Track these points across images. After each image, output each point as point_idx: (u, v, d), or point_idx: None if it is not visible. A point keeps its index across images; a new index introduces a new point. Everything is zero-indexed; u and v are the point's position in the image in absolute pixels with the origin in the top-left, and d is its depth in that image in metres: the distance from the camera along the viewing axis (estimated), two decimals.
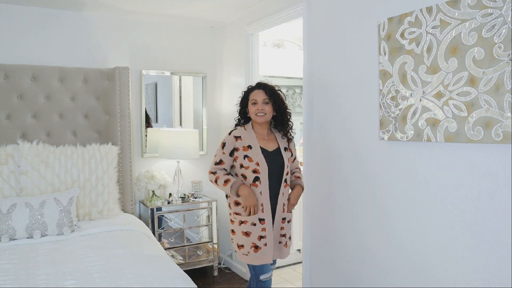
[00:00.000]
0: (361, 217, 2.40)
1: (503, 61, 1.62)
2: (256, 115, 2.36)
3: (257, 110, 2.35)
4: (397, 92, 2.08)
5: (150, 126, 3.80)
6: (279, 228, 2.38)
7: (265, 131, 2.42)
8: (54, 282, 1.94)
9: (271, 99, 2.36)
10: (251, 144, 2.34)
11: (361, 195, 2.39)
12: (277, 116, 2.42)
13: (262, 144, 2.37)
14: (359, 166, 2.39)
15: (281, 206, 2.37)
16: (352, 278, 2.48)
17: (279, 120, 2.43)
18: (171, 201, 3.58)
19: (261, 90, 2.38)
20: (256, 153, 2.32)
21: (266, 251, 2.31)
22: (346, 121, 2.48)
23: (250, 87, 2.46)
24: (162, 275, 2.04)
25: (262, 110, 2.34)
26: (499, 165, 1.69)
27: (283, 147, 2.41)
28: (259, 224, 2.30)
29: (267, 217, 2.31)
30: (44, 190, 2.90)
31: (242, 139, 2.35)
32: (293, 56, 4.32)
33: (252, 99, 2.37)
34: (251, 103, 2.38)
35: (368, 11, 2.28)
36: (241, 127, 2.43)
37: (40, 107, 3.19)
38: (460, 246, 1.85)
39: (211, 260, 3.70)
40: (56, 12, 3.34)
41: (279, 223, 2.37)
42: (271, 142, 2.41)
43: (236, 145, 2.35)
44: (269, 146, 2.39)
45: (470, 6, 1.73)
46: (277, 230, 2.38)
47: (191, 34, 3.92)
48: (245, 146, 2.33)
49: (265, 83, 2.42)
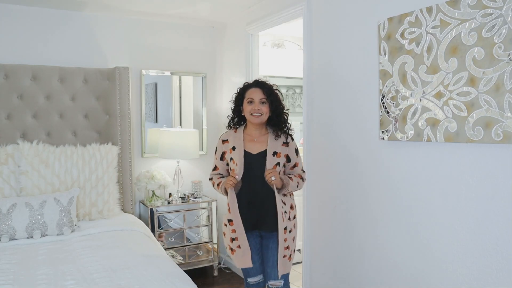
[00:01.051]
0: (361, 217, 2.40)
1: (503, 61, 1.62)
2: (251, 115, 2.20)
3: (252, 109, 2.19)
4: (397, 92, 2.08)
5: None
6: (283, 239, 2.17)
7: (257, 131, 2.26)
8: (54, 282, 1.94)
9: (268, 99, 2.21)
10: (236, 145, 2.23)
11: (361, 195, 2.38)
12: (272, 117, 2.24)
13: (247, 146, 2.22)
14: (359, 166, 2.39)
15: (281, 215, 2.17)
16: (352, 278, 2.48)
17: (274, 121, 2.25)
18: (171, 201, 3.58)
19: (258, 88, 2.22)
20: (238, 154, 2.20)
21: (240, 253, 2.19)
22: (346, 121, 2.48)
23: (246, 84, 2.29)
24: (162, 275, 2.04)
25: (258, 110, 2.19)
26: (499, 165, 1.69)
27: (272, 151, 2.19)
28: (229, 225, 2.21)
29: (235, 218, 2.17)
30: (44, 190, 2.90)
31: (229, 141, 2.27)
32: (293, 56, 4.32)
33: (248, 98, 2.21)
34: (246, 102, 2.22)
35: (368, 11, 2.28)
36: (231, 130, 2.32)
37: (40, 107, 3.19)
38: (460, 246, 1.85)
39: (211, 260, 3.70)
40: (56, 12, 3.34)
41: (282, 234, 2.17)
42: (259, 144, 2.23)
43: (223, 149, 2.28)
44: (254, 148, 2.22)
45: (470, 6, 1.73)
46: (282, 243, 2.17)
47: (191, 34, 3.92)
48: (231, 148, 2.24)
49: (263, 81, 2.27)
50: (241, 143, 2.22)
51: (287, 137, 2.27)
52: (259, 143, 2.24)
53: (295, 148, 2.28)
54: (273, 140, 2.22)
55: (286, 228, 2.19)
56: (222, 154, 2.30)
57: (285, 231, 2.18)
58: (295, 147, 2.28)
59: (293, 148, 2.27)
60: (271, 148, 2.20)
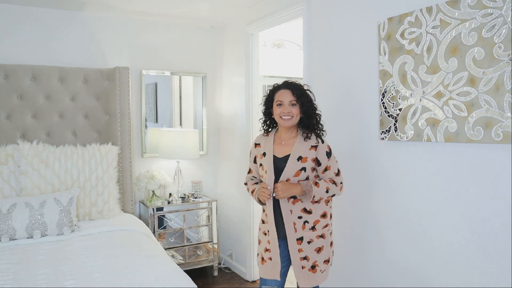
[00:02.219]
0: (361, 217, 2.40)
1: (503, 61, 1.62)
2: (281, 118, 2.09)
3: (282, 112, 2.08)
4: (397, 92, 2.08)
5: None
6: (296, 250, 2.08)
7: (288, 134, 2.15)
8: (54, 282, 1.94)
9: (298, 100, 2.08)
10: (266, 151, 2.16)
11: (361, 195, 2.38)
12: (303, 118, 2.13)
13: (275, 149, 2.14)
14: (359, 166, 2.39)
15: (292, 226, 2.07)
16: (352, 277, 2.48)
17: (305, 123, 2.13)
18: (171, 201, 3.58)
19: (287, 90, 2.10)
20: (267, 160, 2.13)
21: (270, 265, 2.12)
22: (346, 121, 2.48)
23: (276, 85, 2.18)
24: (162, 275, 2.04)
25: (288, 113, 2.07)
26: (499, 165, 1.69)
27: (296, 155, 2.07)
28: (264, 236, 2.16)
29: (271, 230, 2.11)
30: (44, 190, 2.90)
31: (261, 145, 2.21)
32: (293, 56, 4.32)
33: (278, 100, 2.11)
34: (276, 104, 2.12)
35: (368, 11, 2.28)
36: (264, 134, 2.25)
37: (40, 107, 3.19)
38: (460, 246, 1.85)
39: (211, 260, 3.70)
40: (57, 12, 3.34)
41: (294, 244, 2.08)
42: (285, 148, 2.12)
43: (256, 153, 2.23)
44: (280, 152, 2.12)
45: (470, 6, 1.73)
46: (295, 253, 2.08)
47: (191, 34, 3.92)
48: (261, 154, 2.18)
49: (292, 82, 2.14)
50: (271, 148, 2.15)
51: (317, 139, 2.12)
52: (286, 146, 2.13)
53: (326, 150, 2.10)
54: (301, 143, 2.10)
55: (303, 238, 2.07)
56: (255, 158, 2.25)
57: (299, 242, 2.07)
58: (326, 150, 2.10)
59: (323, 151, 2.09)
60: (296, 153, 2.08)
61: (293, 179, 2.06)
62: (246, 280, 3.62)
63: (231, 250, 3.90)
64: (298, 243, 2.07)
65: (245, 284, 3.56)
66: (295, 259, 2.08)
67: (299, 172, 2.06)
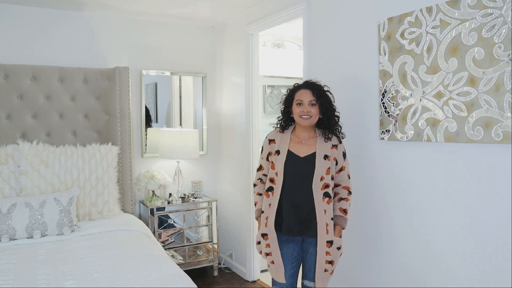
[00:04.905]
0: (360, 217, 2.40)
1: (503, 61, 1.62)
2: (300, 117, 2.09)
3: (301, 112, 2.08)
4: (397, 92, 2.08)
5: (150, 126, 3.80)
6: (324, 252, 2.03)
7: (306, 134, 2.15)
8: (54, 282, 1.94)
9: (318, 100, 2.09)
10: (281, 149, 2.13)
11: (361, 195, 2.38)
12: (323, 119, 2.14)
13: (295, 148, 2.12)
14: (359, 166, 2.39)
15: (324, 226, 2.03)
16: (352, 277, 2.48)
17: (325, 123, 2.14)
18: (171, 201, 3.58)
19: (308, 90, 2.11)
20: (280, 160, 2.10)
21: (274, 268, 2.11)
22: (346, 121, 2.48)
23: (296, 85, 2.19)
24: (162, 275, 2.04)
25: (307, 112, 2.08)
26: (499, 165, 1.69)
27: (322, 154, 2.08)
28: (263, 239, 2.12)
29: (270, 232, 2.09)
30: (44, 190, 2.90)
31: (276, 142, 2.17)
32: (293, 56, 4.32)
33: (298, 99, 2.11)
34: (295, 104, 2.12)
35: (368, 11, 2.28)
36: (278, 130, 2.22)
37: (40, 107, 3.19)
38: (460, 246, 1.85)
39: (211, 260, 3.70)
40: (56, 12, 3.34)
41: (323, 247, 2.03)
42: (307, 147, 2.12)
43: (269, 149, 2.19)
44: (302, 151, 2.11)
45: (470, 6, 1.73)
46: (322, 255, 2.03)
47: (191, 34, 3.92)
48: (275, 151, 2.15)
49: (313, 82, 2.15)
50: (285, 147, 2.13)
51: (337, 139, 2.16)
52: (308, 145, 2.13)
53: (343, 151, 2.16)
54: (323, 143, 2.12)
55: (333, 243, 2.06)
56: (268, 155, 2.21)
57: (328, 245, 2.04)
58: (343, 150, 2.16)
59: (341, 151, 2.15)
60: (321, 151, 2.09)
61: (327, 178, 2.07)
62: (246, 280, 3.62)
63: (231, 250, 3.90)
64: (327, 246, 2.04)
65: (245, 284, 3.56)
66: (321, 261, 2.05)
67: (329, 171, 2.08)
